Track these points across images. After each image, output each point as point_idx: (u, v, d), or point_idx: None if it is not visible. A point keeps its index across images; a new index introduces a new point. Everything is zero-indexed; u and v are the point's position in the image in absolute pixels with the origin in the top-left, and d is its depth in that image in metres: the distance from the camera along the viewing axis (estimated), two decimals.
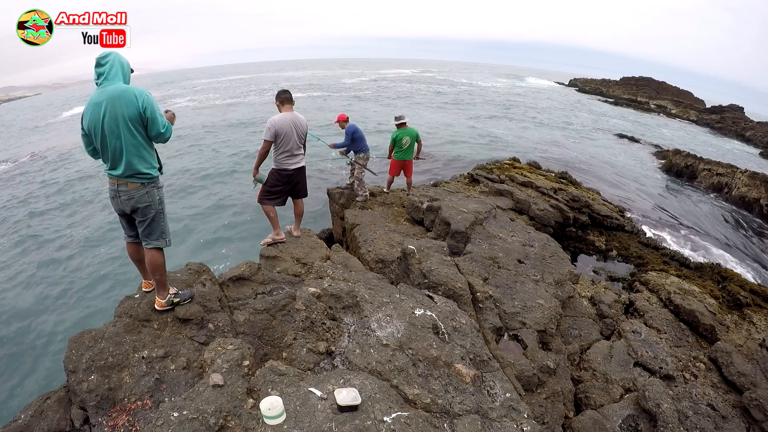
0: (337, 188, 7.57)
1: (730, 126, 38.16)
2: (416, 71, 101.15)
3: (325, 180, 13.72)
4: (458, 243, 5.35)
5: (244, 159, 17.24)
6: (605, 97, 54.93)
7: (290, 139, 4.19)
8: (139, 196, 2.64)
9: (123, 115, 2.41)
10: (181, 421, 1.97)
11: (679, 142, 27.56)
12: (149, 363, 2.72)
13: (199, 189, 14.26)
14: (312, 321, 2.77)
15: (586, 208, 9.11)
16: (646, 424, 3.40)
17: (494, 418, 2.44)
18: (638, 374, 4.06)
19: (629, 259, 8.09)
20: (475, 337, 3.06)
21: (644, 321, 5.06)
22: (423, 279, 3.87)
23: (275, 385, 2.26)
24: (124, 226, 2.90)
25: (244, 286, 3.79)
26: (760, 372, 4.14)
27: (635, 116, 40.58)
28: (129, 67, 2.58)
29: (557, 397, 3.51)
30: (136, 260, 3.08)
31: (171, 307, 3.05)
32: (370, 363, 2.55)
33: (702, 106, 50.00)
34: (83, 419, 2.51)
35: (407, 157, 6.86)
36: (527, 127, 27.80)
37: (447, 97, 43.33)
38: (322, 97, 39.13)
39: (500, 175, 10.21)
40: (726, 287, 6.38)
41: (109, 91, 2.41)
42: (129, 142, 2.48)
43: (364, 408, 2.14)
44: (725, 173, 13.70)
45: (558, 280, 4.80)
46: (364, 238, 5.61)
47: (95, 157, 2.67)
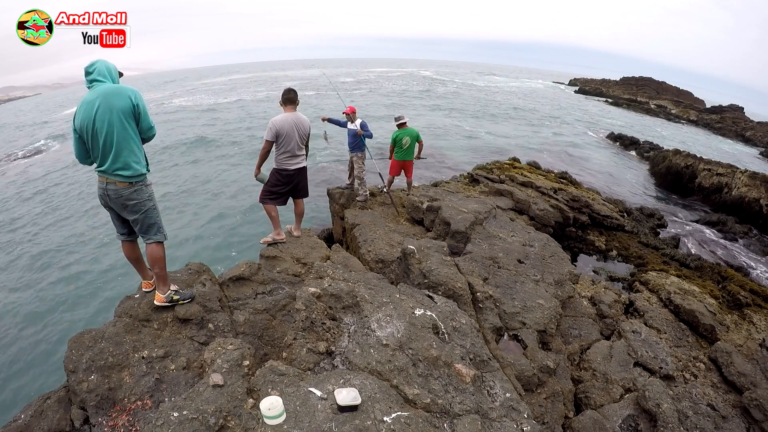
0: (337, 188, 7.56)
1: (730, 126, 38.13)
2: (413, 69, 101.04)
3: (325, 180, 13.71)
4: (458, 243, 5.35)
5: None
6: (605, 98, 54.88)
7: (291, 139, 4.18)
8: (128, 194, 2.64)
9: (116, 108, 2.49)
10: (181, 421, 1.97)
11: (679, 142, 27.52)
12: (149, 363, 2.72)
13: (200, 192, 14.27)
14: (312, 321, 2.77)
15: (586, 208, 9.11)
16: (646, 424, 3.40)
17: (494, 418, 2.44)
18: (638, 374, 4.06)
19: (629, 259, 8.09)
20: (475, 337, 3.06)
21: (644, 321, 5.06)
22: (423, 279, 3.87)
23: (275, 385, 2.26)
24: (116, 223, 2.90)
25: (244, 286, 3.78)
26: (760, 372, 4.14)
27: (635, 116, 40.54)
28: (117, 71, 2.68)
29: (557, 397, 3.51)
30: (132, 259, 3.07)
31: (170, 304, 3.04)
32: (370, 363, 2.55)
33: (702, 106, 49.98)
34: (83, 419, 2.51)
35: (408, 157, 6.85)
36: (518, 126, 27.81)
37: (445, 95, 43.32)
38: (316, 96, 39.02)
39: (500, 175, 10.21)
40: (726, 287, 6.38)
41: (101, 89, 2.50)
42: (120, 134, 2.53)
43: (364, 408, 2.14)
44: (725, 173, 13.67)
45: (558, 280, 4.80)
46: (364, 238, 5.60)
47: (85, 161, 2.68)
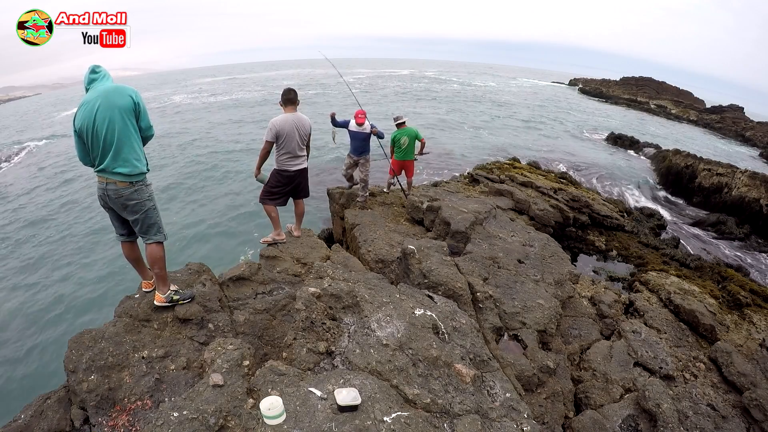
0: (337, 188, 7.54)
1: (730, 126, 38.08)
2: (414, 71, 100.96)
3: (325, 180, 13.71)
4: (458, 243, 5.35)
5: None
6: (605, 98, 54.85)
7: (292, 140, 4.16)
8: (129, 194, 2.64)
9: (117, 105, 2.50)
10: (181, 421, 1.97)
11: (677, 141, 27.49)
12: (149, 363, 2.72)
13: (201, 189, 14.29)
14: (312, 321, 2.77)
15: (586, 208, 9.11)
16: (646, 424, 3.40)
17: (494, 418, 2.44)
18: (638, 374, 4.06)
19: (629, 259, 8.09)
20: (475, 337, 3.06)
21: (644, 321, 5.06)
22: (423, 279, 3.87)
23: (275, 385, 2.26)
24: (116, 224, 2.90)
25: (244, 286, 3.78)
26: (760, 372, 4.13)
27: (635, 116, 40.50)
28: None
29: (557, 397, 3.51)
30: (132, 260, 3.07)
31: (170, 304, 3.04)
32: (370, 363, 2.55)
33: (702, 106, 49.89)
34: (83, 419, 2.51)
35: (407, 157, 6.84)
36: (518, 126, 27.79)
37: (445, 96, 43.32)
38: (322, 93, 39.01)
39: (500, 175, 10.21)
40: (726, 287, 6.38)
41: (101, 88, 2.52)
42: (122, 130, 2.54)
43: (364, 408, 2.14)
44: (725, 173, 13.67)
45: (558, 280, 4.80)
46: (364, 238, 5.60)
47: (87, 161, 2.68)
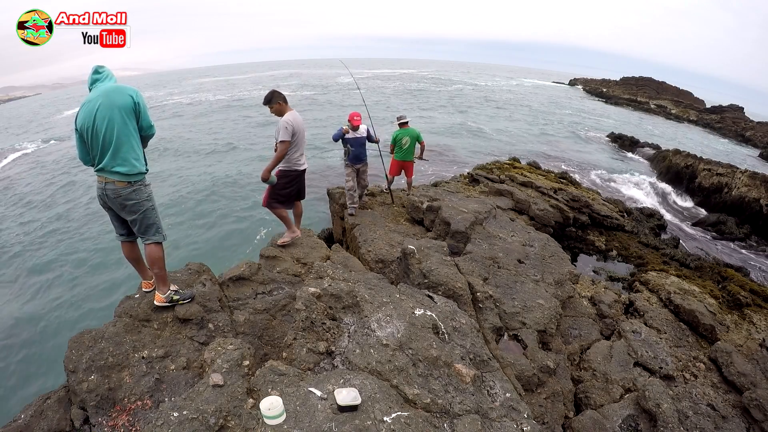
0: (337, 188, 7.55)
1: (730, 126, 38.08)
2: (414, 71, 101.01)
3: (325, 180, 13.71)
4: (458, 243, 5.35)
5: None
6: (605, 98, 54.86)
7: (303, 137, 4.16)
8: (127, 194, 2.64)
9: (117, 105, 2.52)
10: (181, 421, 1.97)
11: (677, 141, 27.49)
12: (149, 363, 2.72)
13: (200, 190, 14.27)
14: (312, 321, 2.77)
15: (586, 208, 9.11)
16: (646, 424, 3.40)
17: (494, 418, 2.44)
18: (638, 374, 4.06)
19: (629, 259, 8.09)
20: (475, 337, 3.06)
21: (644, 321, 5.06)
22: (423, 279, 3.87)
23: (275, 385, 2.26)
24: (115, 224, 2.90)
25: (244, 286, 3.78)
26: (760, 372, 4.13)
27: (635, 116, 40.49)
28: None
29: (557, 397, 3.51)
30: (132, 260, 3.07)
31: (170, 304, 3.04)
32: (370, 363, 2.55)
33: (702, 106, 49.90)
34: (83, 419, 2.51)
35: (407, 157, 6.85)
36: (518, 126, 27.83)
37: (446, 95, 43.33)
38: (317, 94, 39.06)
39: (500, 175, 10.21)
40: (726, 287, 6.38)
41: (102, 88, 2.54)
42: (121, 130, 2.54)
43: (364, 408, 2.14)
44: (725, 173, 13.67)
45: (558, 280, 4.80)
46: (364, 238, 5.60)
47: (87, 160, 2.69)
